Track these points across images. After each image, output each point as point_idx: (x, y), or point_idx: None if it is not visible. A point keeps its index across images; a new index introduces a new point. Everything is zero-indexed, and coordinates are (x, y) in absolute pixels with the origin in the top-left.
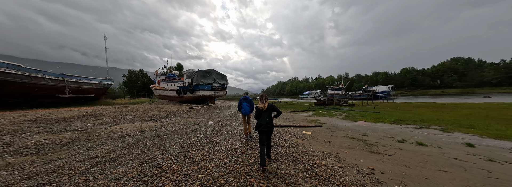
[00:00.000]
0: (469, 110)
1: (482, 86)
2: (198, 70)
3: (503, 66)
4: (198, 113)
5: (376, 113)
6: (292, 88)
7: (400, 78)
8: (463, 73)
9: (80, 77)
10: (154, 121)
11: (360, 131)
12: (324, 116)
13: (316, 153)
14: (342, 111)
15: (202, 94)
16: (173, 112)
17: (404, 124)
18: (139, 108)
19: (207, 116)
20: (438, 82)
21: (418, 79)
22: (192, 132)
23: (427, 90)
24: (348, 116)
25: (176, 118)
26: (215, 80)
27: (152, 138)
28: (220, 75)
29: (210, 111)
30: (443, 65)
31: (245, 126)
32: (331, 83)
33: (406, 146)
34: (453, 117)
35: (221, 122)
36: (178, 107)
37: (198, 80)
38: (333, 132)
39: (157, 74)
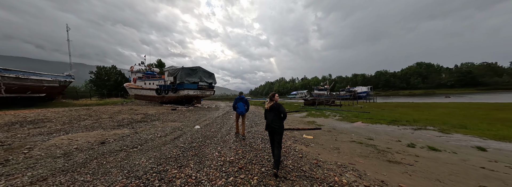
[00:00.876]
0: (444, 109)
1: (440, 88)
2: (183, 67)
3: (455, 70)
4: (182, 115)
5: (366, 113)
6: (280, 88)
7: (376, 80)
8: (425, 76)
9: (24, 72)
10: (122, 128)
11: (363, 134)
12: (318, 117)
13: (329, 164)
14: (334, 111)
15: (186, 93)
16: (150, 115)
17: (400, 125)
18: (105, 111)
19: (193, 119)
20: (406, 84)
21: (390, 81)
22: (174, 140)
23: (397, 91)
24: (342, 116)
25: (153, 122)
26: (201, 79)
27: (115, 153)
28: (207, 73)
29: (197, 113)
30: (410, 68)
31: (237, 124)
32: (316, 83)
33: (420, 152)
34: (437, 117)
35: (210, 126)
36: (158, 108)
37: (182, 78)
38: (336, 136)
39: (133, 71)
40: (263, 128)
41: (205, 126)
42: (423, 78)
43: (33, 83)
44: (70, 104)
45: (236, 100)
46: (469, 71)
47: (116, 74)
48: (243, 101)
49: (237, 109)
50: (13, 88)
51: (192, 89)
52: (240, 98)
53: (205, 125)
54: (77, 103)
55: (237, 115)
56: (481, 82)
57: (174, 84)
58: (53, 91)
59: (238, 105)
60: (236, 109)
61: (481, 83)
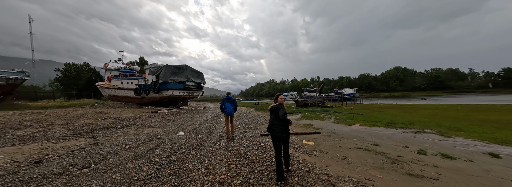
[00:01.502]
0: (428, 111)
1: (414, 90)
2: (167, 65)
3: (426, 75)
4: (163, 119)
5: (359, 115)
6: (270, 90)
7: (359, 82)
8: (402, 80)
9: None
10: (78, 137)
11: (366, 139)
12: (313, 119)
13: (343, 181)
14: (327, 113)
15: (171, 94)
16: (122, 119)
17: (398, 127)
18: (63, 115)
19: (176, 124)
20: (385, 87)
21: (372, 84)
22: (147, 153)
23: (378, 93)
24: (338, 118)
25: (124, 129)
26: (189, 78)
27: (49, 179)
28: (195, 72)
29: (182, 115)
30: (389, 72)
31: (228, 127)
32: (306, 85)
33: (435, 160)
34: (426, 118)
35: (196, 132)
36: (135, 111)
37: (166, 77)
38: (339, 141)
39: (107, 68)
40: (257, 133)
41: (190, 132)
42: (400, 82)
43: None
44: (23, 106)
45: (224, 101)
46: (438, 75)
47: (89, 72)
48: (230, 101)
49: (225, 110)
50: None
51: (177, 90)
52: (228, 98)
53: (190, 131)
54: (33, 106)
55: (226, 115)
56: (448, 86)
57: (156, 84)
58: None
59: (226, 105)
60: (224, 109)
61: (448, 86)
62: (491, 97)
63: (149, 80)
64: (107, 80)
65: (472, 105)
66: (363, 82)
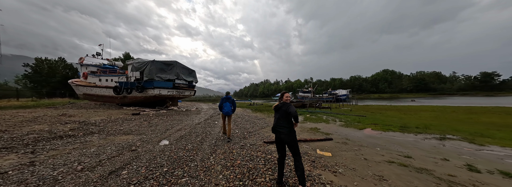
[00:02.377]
0: (428, 113)
1: (401, 92)
2: (153, 60)
3: (412, 77)
4: (146, 123)
5: (362, 117)
6: (264, 90)
7: (351, 84)
8: (390, 82)
9: None
10: (7, 153)
11: (390, 148)
12: (317, 121)
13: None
14: (330, 115)
15: (157, 93)
16: (90, 124)
17: (415, 132)
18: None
19: (161, 129)
20: (375, 89)
21: (362, 85)
22: (109, 176)
23: (369, 94)
24: (343, 121)
25: (88, 137)
26: (179, 76)
27: None
28: (186, 69)
29: (170, 118)
30: (378, 74)
31: (224, 126)
32: (300, 86)
33: (498, 181)
34: (433, 121)
35: (185, 140)
36: (112, 113)
37: (152, 74)
38: (359, 151)
39: (82, 63)
40: (259, 140)
41: (178, 140)
42: (389, 84)
43: None
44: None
45: (222, 100)
46: (423, 78)
47: (66, 69)
48: (229, 101)
49: (223, 110)
50: None
51: (165, 88)
52: (227, 98)
53: (178, 138)
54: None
55: (223, 115)
56: (432, 88)
57: (140, 81)
58: None
59: (224, 105)
60: (222, 109)
61: (432, 88)
62: (473, 100)
63: (132, 77)
64: (83, 77)
65: (465, 107)
66: (354, 83)
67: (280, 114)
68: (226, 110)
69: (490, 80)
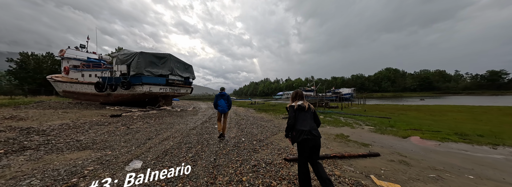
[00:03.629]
0: (460, 114)
1: (405, 91)
2: (141, 52)
3: (416, 75)
4: (123, 129)
5: (387, 118)
6: (264, 89)
7: (353, 83)
8: (394, 80)
9: None
10: None
11: (487, 174)
12: (338, 125)
13: None
14: (346, 116)
15: (147, 91)
16: (38, 131)
17: (490, 144)
18: None
19: (140, 138)
20: (378, 87)
21: (365, 84)
22: None
23: (371, 93)
24: (372, 125)
25: (12, 156)
26: (173, 71)
27: None
28: (181, 64)
29: (158, 121)
30: (381, 73)
31: (220, 125)
32: (300, 85)
33: None
34: (482, 125)
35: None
36: (86, 114)
37: (140, 68)
38: (444, 182)
39: (63, 56)
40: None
41: (158, 159)
42: (392, 82)
43: None
44: None
45: (217, 97)
46: (427, 76)
47: (54, 64)
48: (224, 98)
49: (219, 107)
50: None
51: (157, 85)
52: (221, 94)
53: (160, 155)
54: None
55: (219, 113)
56: (436, 87)
57: (126, 76)
58: None
59: (219, 102)
60: (218, 107)
61: (436, 87)
62: (484, 99)
63: (117, 72)
64: (64, 72)
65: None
66: (356, 82)
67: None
68: (221, 108)
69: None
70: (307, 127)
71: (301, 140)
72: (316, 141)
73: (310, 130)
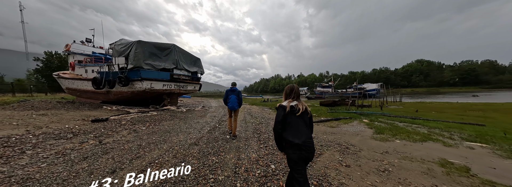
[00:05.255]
0: None
1: (442, 86)
2: (139, 41)
3: (458, 68)
4: (89, 146)
5: (480, 125)
6: (276, 85)
7: (375, 77)
8: (427, 74)
9: None
10: None
11: None
12: (414, 139)
13: None
14: (403, 120)
15: (148, 87)
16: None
17: None
18: None
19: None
20: (406, 82)
21: (390, 79)
22: None
23: (399, 89)
24: (480, 140)
25: None
26: (178, 64)
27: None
28: (188, 56)
29: (153, 128)
30: (411, 66)
31: (230, 122)
32: (314, 81)
33: None
34: None
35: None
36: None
37: (139, 61)
38: None
39: (69, 51)
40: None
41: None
42: (425, 76)
43: None
44: None
45: (228, 93)
46: (473, 68)
47: None
48: (235, 93)
49: (229, 104)
50: None
51: (159, 81)
52: (232, 90)
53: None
54: None
55: (229, 111)
56: (484, 80)
57: (124, 71)
58: None
59: (229, 98)
60: (227, 103)
61: (484, 81)
62: None
63: (115, 65)
64: (70, 68)
65: None
66: (379, 77)
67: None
68: (231, 105)
69: None
70: (302, 138)
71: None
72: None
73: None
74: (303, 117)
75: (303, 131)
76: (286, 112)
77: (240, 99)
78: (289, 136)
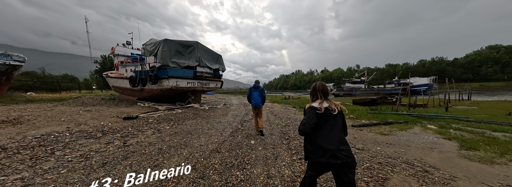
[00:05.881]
0: None
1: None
2: (165, 39)
3: None
4: (113, 148)
5: None
6: (296, 82)
7: (423, 70)
8: (506, 64)
9: None
10: None
11: None
12: (496, 150)
13: None
14: (479, 125)
15: (174, 85)
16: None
17: None
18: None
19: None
20: (472, 75)
21: (446, 71)
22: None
23: (461, 83)
24: None
25: None
26: (201, 62)
27: None
28: (210, 53)
29: (176, 128)
30: (479, 54)
31: (256, 120)
32: (341, 76)
33: None
34: None
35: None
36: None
37: (165, 59)
38: None
39: (114, 53)
40: None
41: None
42: (503, 66)
43: None
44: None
45: (251, 90)
46: None
47: None
48: (259, 90)
49: (253, 101)
50: None
51: (184, 78)
52: (256, 87)
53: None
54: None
55: (254, 108)
56: None
57: (154, 69)
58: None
59: (253, 95)
60: (251, 100)
61: None
62: None
63: (147, 64)
64: (115, 68)
65: None
66: (429, 69)
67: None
68: (255, 102)
69: None
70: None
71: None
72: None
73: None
74: (337, 119)
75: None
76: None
77: (263, 96)
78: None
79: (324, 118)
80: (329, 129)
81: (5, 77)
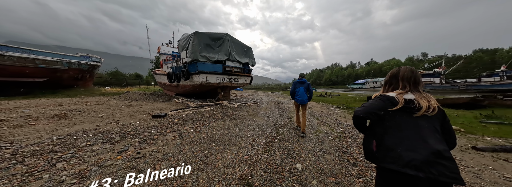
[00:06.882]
0: None
1: None
2: (195, 32)
3: None
4: (127, 156)
5: None
6: (332, 77)
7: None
8: None
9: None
10: None
11: None
12: None
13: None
14: None
15: (204, 81)
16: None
17: None
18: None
19: None
20: None
21: None
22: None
23: None
24: None
25: None
26: (230, 55)
27: None
28: (240, 46)
29: (202, 130)
30: None
31: (298, 116)
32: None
33: None
34: None
35: None
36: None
37: (195, 53)
38: None
39: (159, 52)
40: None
41: None
42: None
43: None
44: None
45: (296, 85)
46: None
47: None
48: (304, 86)
49: (297, 97)
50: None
51: (213, 74)
52: (301, 82)
53: None
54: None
55: (297, 104)
56: None
57: (186, 64)
58: (59, 75)
59: (297, 91)
60: (295, 96)
61: None
62: None
63: (181, 60)
64: (161, 66)
65: None
66: None
67: (430, 125)
68: (300, 98)
69: None
70: (424, 151)
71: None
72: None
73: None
74: (432, 120)
75: (427, 140)
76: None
77: (310, 92)
78: (398, 145)
79: (403, 115)
80: (415, 131)
81: (88, 74)
